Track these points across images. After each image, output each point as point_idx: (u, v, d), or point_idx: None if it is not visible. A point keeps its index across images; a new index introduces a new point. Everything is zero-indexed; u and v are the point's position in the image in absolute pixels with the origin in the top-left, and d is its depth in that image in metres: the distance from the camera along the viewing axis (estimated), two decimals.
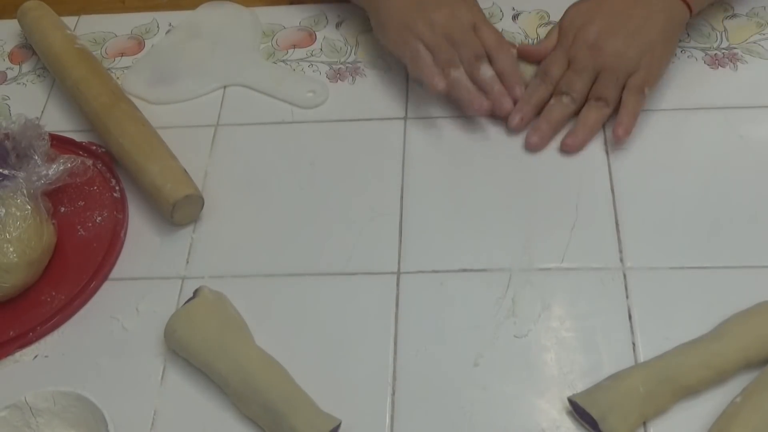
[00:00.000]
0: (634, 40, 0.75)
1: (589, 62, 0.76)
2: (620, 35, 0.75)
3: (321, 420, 0.61)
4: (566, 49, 0.78)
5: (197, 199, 0.75)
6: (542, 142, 0.77)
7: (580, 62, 0.76)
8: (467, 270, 0.70)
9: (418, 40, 0.78)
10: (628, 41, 0.75)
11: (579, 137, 0.76)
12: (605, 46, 0.75)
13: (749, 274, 0.68)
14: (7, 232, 0.70)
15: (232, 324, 0.67)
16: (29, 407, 0.62)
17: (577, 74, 0.76)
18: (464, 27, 0.78)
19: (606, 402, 0.60)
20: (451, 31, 0.78)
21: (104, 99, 0.81)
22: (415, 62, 0.78)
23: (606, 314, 0.67)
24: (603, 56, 0.75)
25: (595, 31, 0.76)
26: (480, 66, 0.78)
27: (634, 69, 0.75)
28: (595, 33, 0.76)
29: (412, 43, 0.78)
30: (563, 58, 0.78)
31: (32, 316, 0.71)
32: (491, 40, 0.79)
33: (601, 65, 0.75)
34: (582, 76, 0.76)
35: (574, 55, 0.77)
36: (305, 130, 0.83)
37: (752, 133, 0.77)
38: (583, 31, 0.77)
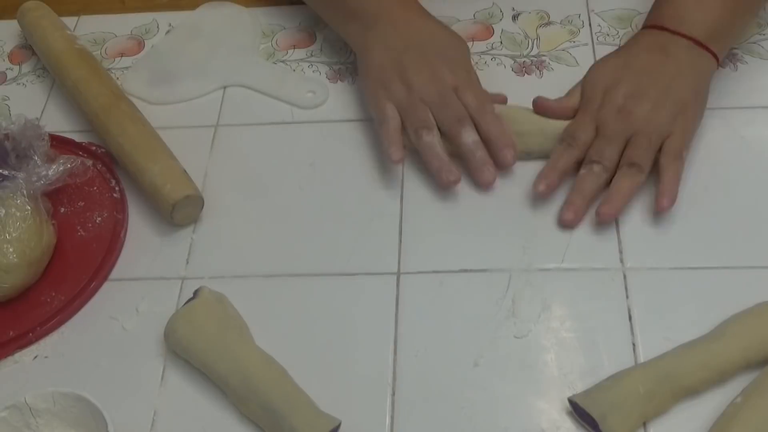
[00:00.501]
0: (665, 102, 0.71)
1: (619, 127, 0.71)
2: (650, 97, 0.71)
3: (321, 420, 0.61)
4: (593, 113, 0.73)
5: (197, 200, 0.75)
6: (577, 218, 0.71)
7: (610, 128, 0.71)
8: (467, 270, 0.70)
9: (389, 101, 0.75)
10: (658, 103, 0.71)
11: (614, 205, 0.70)
12: (635, 109, 0.71)
13: (749, 274, 0.68)
14: (7, 233, 0.70)
15: (232, 324, 0.67)
16: (29, 408, 0.62)
17: (606, 141, 0.71)
18: (444, 90, 0.74)
19: (606, 402, 0.60)
20: (429, 95, 0.74)
21: (104, 99, 0.81)
22: (380, 127, 0.76)
23: (606, 314, 0.67)
24: (633, 121, 0.70)
25: (623, 93, 0.72)
26: (461, 131, 0.73)
27: (667, 132, 0.71)
28: (624, 96, 0.72)
29: (382, 104, 0.75)
30: (591, 122, 0.72)
31: (32, 316, 0.71)
32: (474, 103, 0.74)
33: (632, 130, 0.71)
34: (612, 142, 0.71)
35: (602, 120, 0.72)
36: (305, 130, 0.82)
37: (752, 133, 0.77)
38: (610, 94, 0.72)
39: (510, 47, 0.86)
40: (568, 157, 0.72)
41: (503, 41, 0.87)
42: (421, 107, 0.74)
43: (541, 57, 0.85)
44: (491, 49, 0.86)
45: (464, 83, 0.75)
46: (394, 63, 0.76)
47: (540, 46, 0.86)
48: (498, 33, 0.88)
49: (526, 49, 0.86)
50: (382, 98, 0.76)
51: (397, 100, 0.75)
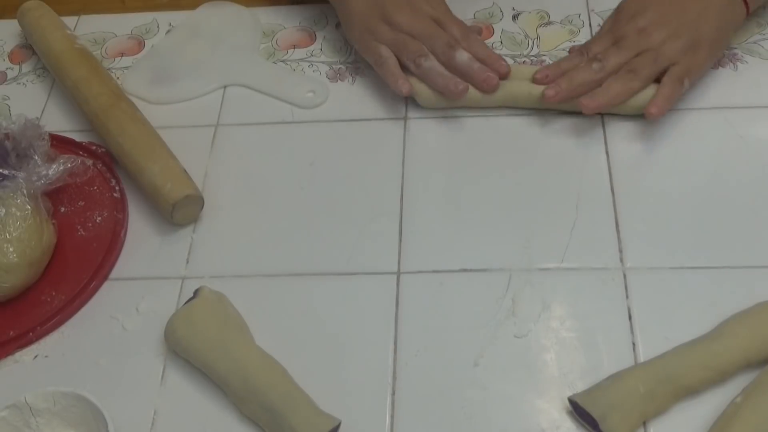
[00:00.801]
0: (684, 34, 0.74)
1: (633, 43, 0.75)
2: (672, 26, 0.74)
3: (321, 420, 0.61)
4: (615, 32, 0.77)
5: (197, 199, 0.75)
6: (557, 96, 0.75)
7: (625, 41, 0.75)
8: (467, 270, 0.70)
9: (379, 43, 0.79)
10: (678, 33, 0.74)
11: (597, 100, 0.74)
12: (654, 32, 0.74)
13: (749, 274, 0.68)
14: (7, 232, 0.70)
15: (232, 324, 0.67)
16: (29, 407, 0.62)
17: (617, 48, 0.75)
18: (426, 21, 0.78)
19: (606, 402, 0.60)
20: (413, 28, 0.78)
21: (104, 99, 0.81)
22: (380, 68, 0.80)
23: (606, 314, 0.67)
24: (649, 41, 0.74)
25: (647, 18, 0.75)
26: (454, 53, 0.77)
27: (676, 60, 0.74)
28: (647, 20, 0.75)
29: (374, 48, 0.79)
30: (609, 38, 0.77)
31: (32, 316, 0.71)
32: (457, 31, 0.79)
33: (645, 47, 0.74)
34: (622, 51, 0.75)
35: (621, 35, 0.76)
36: (305, 130, 0.83)
37: (752, 133, 0.77)
38: (635, 18, 0.76)
39: (510, 47, 0.86)
40: (576, 61, 0.77)
41: (503, 41, 0.87)
42: (410, 40, 0.78)
43: (541, 57, 0.85)
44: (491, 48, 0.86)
45: (444, 15, 0.80)
46: (373, 6, 0.79)
47: (540, 45, 0.86)
48: (498, 33, 0.88)
49: (526, 48, 0.86)
50: (372, 42, 0.79)
51: (386, 40, 0.79)
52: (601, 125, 0.78)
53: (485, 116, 0.80)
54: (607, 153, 0.77)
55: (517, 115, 0.80)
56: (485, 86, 0.77)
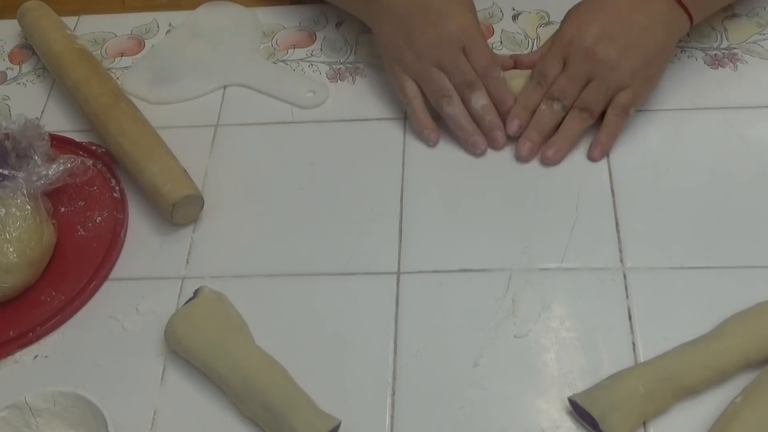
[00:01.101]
0: (631, 53, 0.73)
1: (582, 68, 0.74)
2: (618, 45, 0.73)
3: (320, 420, 0.61)
4: (563, 49, 0.75)
5: (197, 199, 0.75)
6: (532, 153, 0.76)
7: (574, 67, 0.74)
8: (467, 270, 0.70)
9: (406, 75, 0.78)
10: (625, 53, 0.73)
11: (561, 149, 0.76)
12: (601, 54, 0.73)
13: (749, 274, 0.68)
14: (7, 232, 0.70)
15: (232, 324, 0.67)
16: (29, 407, 0.62)
17: (569, 80, 0.74)
18: (453, 52, 0.76)
19: (606, 401, 0.60)
20: (437, 58, 0.76)
21: (104, 99, 0.81)
22: (407, 108, 0.79)
23: (606, 314, 0.67)
24: (597, 65, 0.73)
25: (593, 35, 0.73)
26: (471, 95, 0.76)
27: (624, 84, 0.73)
28: (593, 37, 0.73)
29: (401, 82, 0.78)
30: (559, 59, 0.75)
31: (32, 316, 0.71)
32: (481, 63, 0.76)
33: (594, 74, 0.73)
34: (574, 82, 0.74)
35: (569, 58, 0.74)
36: (305, 130, 0.83)
37: (752, 133, 0.77)
38: (581, 32, 0.74)
39: (510, 47, 0.86)
40: (537, 95, 0.77)
41: (503, 41, 0.87)
42: (434, 73, 0.76)
43: None
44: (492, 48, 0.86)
45: (471, 42, 0.76)
46: (400, 30, 0.78)
47: (540, 45, 0.86)
48: (498, 33, 0.88)
49: (526, 48, 0.86)
50: (399, 74, 0.78)
51: (412, 71, 0.77)
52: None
53: None
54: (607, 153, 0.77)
55: None
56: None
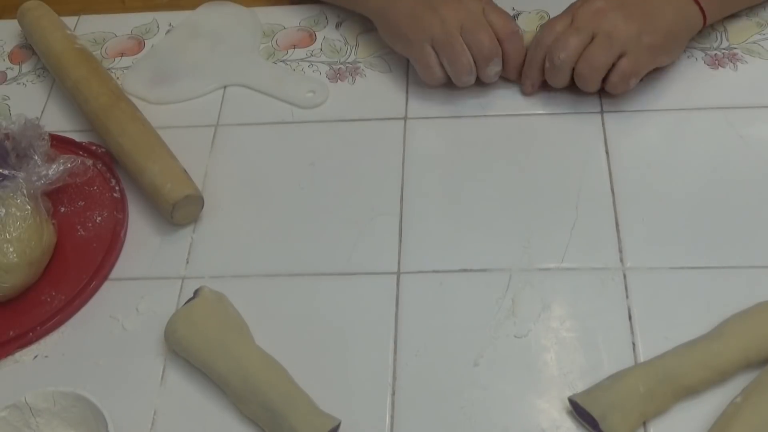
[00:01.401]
0: (639, 18, 0.74)
1: (590, 22, 0.75)
2: (628, 9, 0.75)
3: (320, 420, 0.61)
4: (571, 12, 0.77)
5: (197, 199, 0.75)
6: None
7: (581, 20, 0.75)
8: (467, 270, 0.70)
9: (427, 42, 0.78)
10: (633, 16, 0.74)
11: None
12: (609, 13, 0.74)
13: (749, 274, 0.68)
14: (7, 232, 0.70)
15: (232, 324, 0.67)
16: (29, 407, 0.62)
17: (575, 31, 0.75)
18: (476, 17, 0.78)
19: (606, 401, 0.60)
20: (460, 21, 0.77)
21: (104, 99, 0.81)
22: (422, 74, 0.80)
23: (606, 314, 0.67)
24: (604, 21, 0.74)
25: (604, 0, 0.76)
26: (487, 65, 0.78)
27: (628, 46, 0.74)
28: (604, 2, 0.75)
29: (421, 49, 0.78)
30: (568, 17, 0.77)
31: (32, 316, 0.71)
32: (501, 26, 0.78)
33: (599, 30, 0.74)
34: (580, 33, 0.75)
35: (577, 14, 0.76)
36: (305, 130, 0.83)
37: (752, 133, 0.77)
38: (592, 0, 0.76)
39: None
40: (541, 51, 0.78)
41: None
42: (458, 43, 0.77)
43: None
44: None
45: (489, 5, 0.79)
46: (420, 2, 0.79)
47: None
48: None
49: None
50: (419, 41, 0.78)
51: (433, 34, 0.77)
52: (601, 125, 0.79)
53: (485, 116, 0.81)
54: (607, 153, 0.77)
55: (517, 115, 0.80)
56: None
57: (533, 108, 0.81)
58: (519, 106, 0.81)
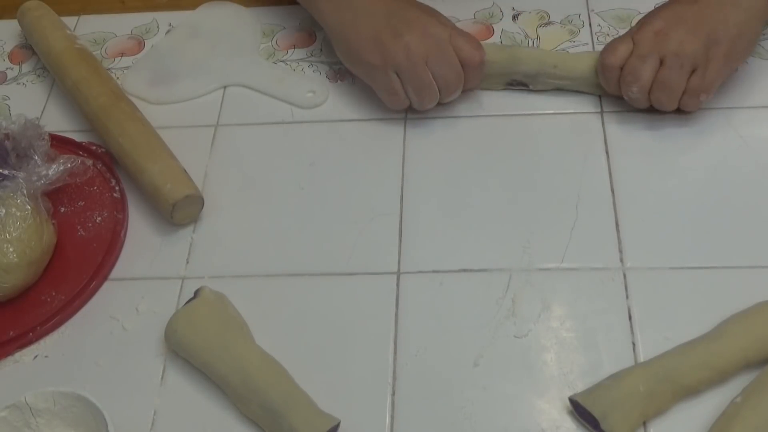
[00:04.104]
0: (701, 30, 0.72)
1: (653, 47, 0.72)
2: (687, 23, 0.72)
3: (320, 420, 0.61)
4: (631, 33, 0.75)
5: (197, 199, 0.75)
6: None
7: (644, 46, 0.73)
8: (467, 270, 0.70)
9: (391, 69, 0.76)
10: (695, 30, 0.72)
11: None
12: (670, 32, 0.72)
13: (749, 274, 0.68)
14: (7, 232, 0.70)
15: (232, 324, 0.67)
16: (29, 407, 0.62)
17: (640, 60, 0.73)
18: (443, 45, 0.75)
19: (607, 401, 0.60)
20: (426, 49, 0.75)
21: (104, 99, 0.81)
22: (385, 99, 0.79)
23: (606, 314, 0.67)
24: (667, 42, 0.72)
25: (662, 17, 0.74)
26: (451, 94, 0.78)
27: (698, 61, 0.72)
28: (662, 19, 0.74)
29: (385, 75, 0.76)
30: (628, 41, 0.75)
31: (32, 316, 0.71)
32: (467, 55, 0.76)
33: (665, 52, 0.72)
34: (646, 61, 0.73)
35: (638, 40, 0.74)
36: (305, 130, 0.83)
37: (752, 133, 0.77)
38: (650, 17, 0.75)
39: None
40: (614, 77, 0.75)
41: (503, 41, 0.87)
42: (424, 74, 0.75)
43: None
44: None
45: (455, 31, 0.77)
46: (384, 28, 0.76)
47: (540, 45, 0.86)
48: (498, 33, 0.88)
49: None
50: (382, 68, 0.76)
51: (398, 62, 0.75)
52: (601, 125, 0.79)
53: (485, 116, 0.81)
54: (607, 153, 0.77)
55: (517, 115, 0.80)
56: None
57: (533, 108, 0.81)
58: (519, 106, 0.81)
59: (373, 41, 0.76)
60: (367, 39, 0.77)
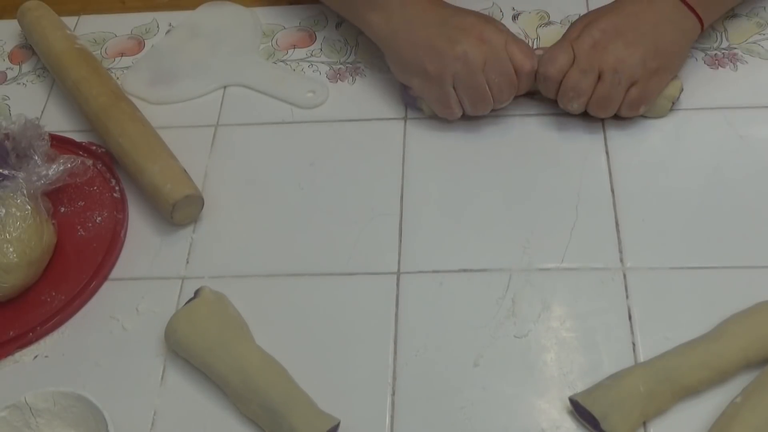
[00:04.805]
0: (639, 44, 0.73)
1: (593, 61, 0.73)
2: (626, 37, 0.73)
3: (320, 420, 0.61)
4: (570, 41, 0.75)
5: (197, 199, 0.75)
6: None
7: (584, 60, 0.73)
8: (467, 270, 0.70)
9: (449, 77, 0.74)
10: (633, 44, 0.73)
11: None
12: (609, 45, 0.73)
13: (749, 274, 0.68)
14: (7, 232, 0.70)
15: (232, 324, 0.67)
16: (29, 407, 0.62)
17: (582, 73, 0.74)
18: (499, 53, 0.74)
19: (607, 401, 0.60)
20: (481, 56, 0.74)
21: (104, 99, 0.81)
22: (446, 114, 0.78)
23: (606, 314, 0.67)
24: (606, 56, 0.73)
25: (600, 28, 0.74)
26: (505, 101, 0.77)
27: (635, 75, 0.73)
28: (600, 30, 0.74)
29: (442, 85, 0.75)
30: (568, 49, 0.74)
31: (32, 316, 0.71)
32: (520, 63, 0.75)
33: (604, 66, 0.73)
34: (587, 75, 0.73)
35: (578, 51, 0.74)
36: (305, 130, 0.83)
37: (752, 133, 0.77)
38: (589, 27, 0.75)
39: None
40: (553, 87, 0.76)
41: None
42: (481, 85, 0.75)
43: None
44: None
45: (511, 38, 0.76)
46: (439, 37, 0.75)
47: (540, 45, 0.86)
48: None
49: None
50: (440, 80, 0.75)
51: (456, 71, 0.74)
52: (601, 125, 0.79)
53: (485, 116, 0.80)
54: (607, 153, 0.77)
55: (517, 116, 0.80)
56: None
57: (533, 108, 0.81)
58: (519, 107, 0.81)
59: (429, 50, 0.75)
60: (422, 48, 0.76)
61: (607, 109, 0.75)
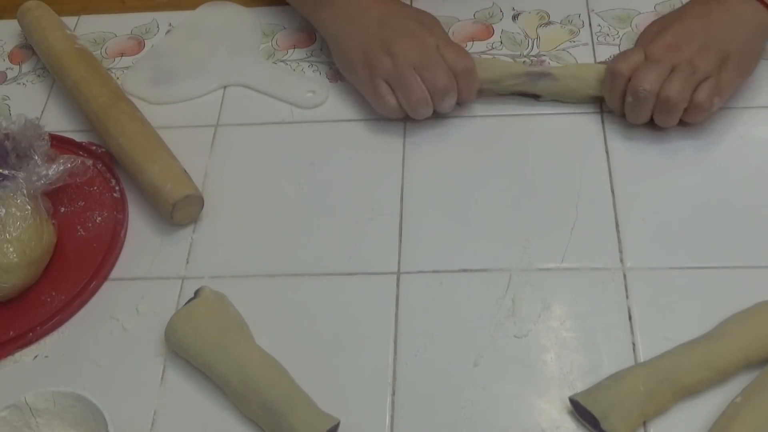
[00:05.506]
0: (712, 45, 0.73)
1: (665, 56, 0.73)
2: (698, 39, 0.73)
3: (319, 420, 0.61)
4: (643, 45, 0.75)
5: (197, 199, 0.75)
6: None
7: (657, 54, 0.73)
8: (467, 270, 0.70)
9: (378, 77, 0.77)
10: (706, 45, 0.73)
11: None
12: (683, 45, 0.73)
13: (749, 274, 0.68)
14: (7, 232, 0.70)
15: (232, 324, 0.67)
16: (29, 407, 0.62)
17: (653, 65, 0.73)
18: (430, 52, 0.76)
19: (607, 401, 0.60)
20: (413, 58, 0.76)
21: (104, 99, 0.81)
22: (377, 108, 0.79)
23: (606, 314, 0.67)
24: (679, 55, 0.73)
25: (673, 32, 0.74)
26: (444, 99, 0.77)
27: (710, 72, 0.72)
28: (673, 35, 0.74)
29: (375, 84, 0.77)
30: (640, 52, 0.75)
31: (32, 316, 0.71)
32: (453, 62, 0.76)
33: (677, 61, 0.72)
34: (658, 66, 0.72)
35: (650, 51, 0.74)
36: (305, 130, 0.83)
37: (752, 133, 0.77)
38: (661, 33, 0.75)
39: (510, 47, 0.86)
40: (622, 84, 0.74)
41: (503, 41, 0.87)
42: (411, 77, 0.76)
43: (541, 57, 0.85)
44: (491, 48, 0.86)
45: (443, 41, 0.78)
46: (374, 39, 0.78)
47: (540, 45, 0.86)
48: (498, 33, 0.88)
49: (526, 48, 0.86)
50: (371, 77, 0.78)
51: (386, 71, 0.77)
52: (601, 125, 0.79)
53: (485, 116, 0.81)
54: (607, 153, 0.77)
55: (517, 115, 0.80)
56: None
57: (533, 108, 0.81)
58: (519, 106, 0.81)
59: (362, 52, 0.78)
60: (357, 50, 0.79)
61: (679, 99, 0.72)
